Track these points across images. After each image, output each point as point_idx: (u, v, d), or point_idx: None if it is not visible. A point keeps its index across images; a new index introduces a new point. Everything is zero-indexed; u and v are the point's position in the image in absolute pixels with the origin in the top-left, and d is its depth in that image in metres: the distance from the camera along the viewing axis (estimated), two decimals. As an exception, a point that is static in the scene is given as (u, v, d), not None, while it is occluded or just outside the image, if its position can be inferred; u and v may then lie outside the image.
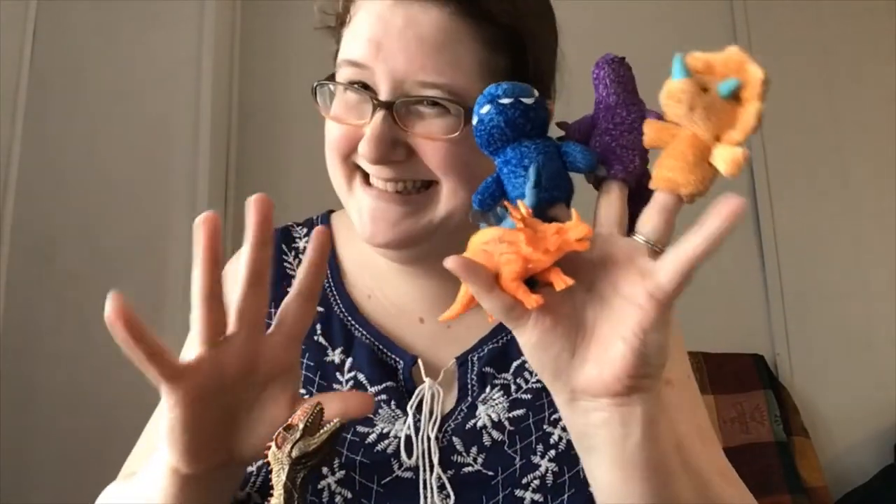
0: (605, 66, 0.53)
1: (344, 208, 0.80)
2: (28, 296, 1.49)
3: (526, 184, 0.50)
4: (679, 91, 0.46)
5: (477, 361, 0.67)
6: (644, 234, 0.48)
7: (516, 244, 0.45)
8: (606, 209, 0.51)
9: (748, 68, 0.46)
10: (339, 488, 0.60)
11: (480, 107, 0.51)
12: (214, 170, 1.79)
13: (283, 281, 0.72)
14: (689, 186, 0.47)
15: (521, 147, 0.51)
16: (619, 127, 0.52)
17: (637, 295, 0.46)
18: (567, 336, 0.47)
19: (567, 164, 0.51)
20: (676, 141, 0.47)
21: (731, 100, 0.46)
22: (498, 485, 0.61)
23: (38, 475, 1.43)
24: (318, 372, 0.67)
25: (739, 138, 0.46)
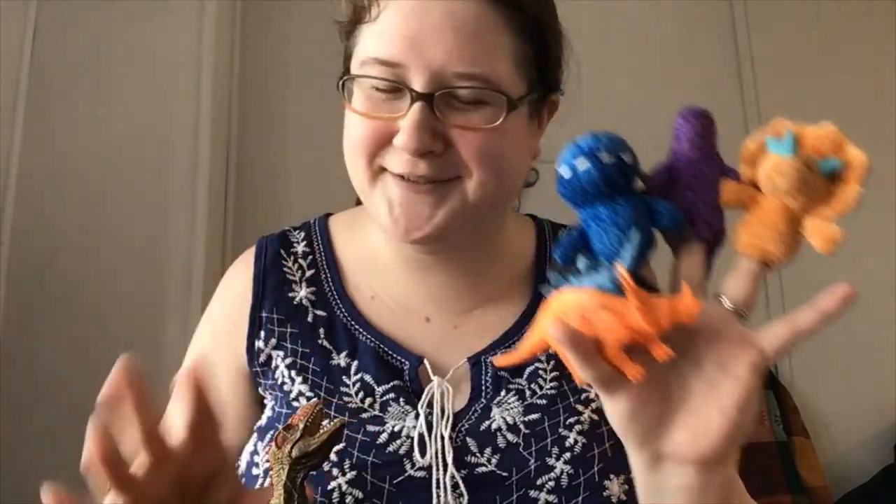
0: (691, 120, 0.52)
1: (339, 212, 0.81)
2: (28, 295, 1.49)
3: (619, 244, 0.48)
4: (790, 169, 0.46)
5: (491, 364, 0.67)
6: (733, 301, 0.49)
7: (622, 315, 0.44)
8: (690, 270, 0.50)
9: (851, 151, 0.48)
10: (350, 489, 0.59)
11: (575, 158, 0.49)
12: (214, 170, 1.79)
13: (284, 286, 0.72)
14: (780, 255, 0.48)
15: (616, 205, 0.49)
16: (701, 182, 0.51)
17: (735, 365, 0.46)
18: (658, 405, 0.47)
19: (654, 221, 0.50)
20: (766, 209, 0.48)
21: (826, 176, 0.48)
22: (512, 485, 0.60)
23: (38, 475, 1.43)
24: (324, 376, 0.67)
25: (833, 215, 0.47)
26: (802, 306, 0.45)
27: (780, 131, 0.48)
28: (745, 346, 0.46)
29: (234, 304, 0.72)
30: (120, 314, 1.57)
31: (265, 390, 0.69)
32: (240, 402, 0.69)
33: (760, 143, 0.48)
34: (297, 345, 0.69)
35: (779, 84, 2.21)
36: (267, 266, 0.73)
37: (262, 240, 0.76)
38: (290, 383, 0.67)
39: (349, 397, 0.65)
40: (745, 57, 2.24)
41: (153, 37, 1.74)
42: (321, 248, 0.74)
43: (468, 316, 0.70)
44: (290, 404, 0.66)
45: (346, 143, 0.65)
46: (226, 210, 1.88)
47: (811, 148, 0.48)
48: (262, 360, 0.69)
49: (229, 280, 0.75)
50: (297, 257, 0.74)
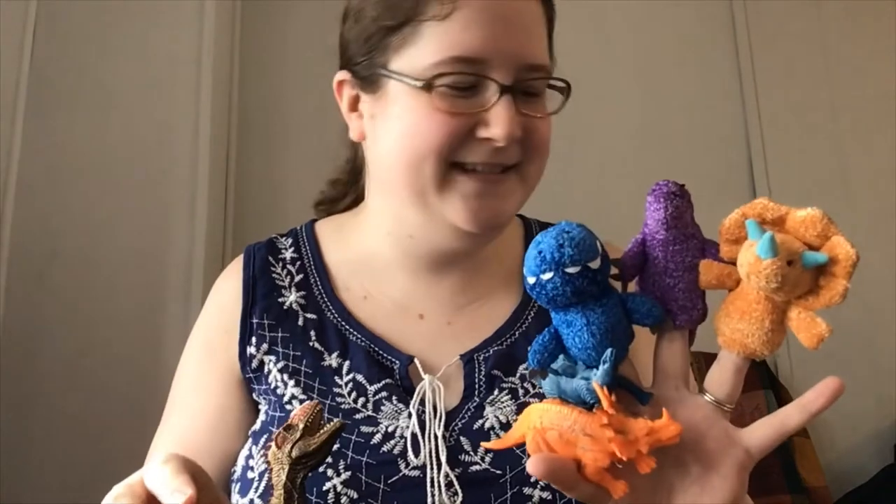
0: (662, 200, 0.48)
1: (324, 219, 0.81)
2: (28, 295, 1.49)
3: (593, 349, 0.47)
4: (770, 272, 0.43)
5: (484, 362, 0.67)
6: (717, 396, 0.48)
7: (603, 443, 0.44)
8: (670, 360, 0.50)
9: (838, 243, 0.44)
10: (345, 489, 0.60)
11: (541, 270, 0.47)
12: (214, 170, 1.79)
13: (273, 292, 0.72)
14: (766, 351, 0.47)
15: (587, 311, 0.48)
16: (679, 266, 0.49)
17: (722, 464, 0.46)
18: None
19: (632, 319, 0.49)
20: (748, 301, 0.46)
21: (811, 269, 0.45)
22: (506, 483, 0.61)
23: (38, 475, 1.43)
24: (316, 378, 0.67)
25: (818, 307, 0.45)
26: (789, 405, 0.45)
27: (762, 214, 0.46)
28: (730, 446, 0.47)
29: (226, 312, 0.73)
30: (120, 314, 1.57)
31: (259, 395, 0.70)
32: (235, 409, 0.70)
33: (740, 224, 0.46)
34: (289, 348, 0.69)
35: (779, 84, 2.21)
36: (256, 273, 0.73)
37: (249, 248, 0.76)
38: (283, 387, 0.67)
39: (342, 398, 0.66)
40: (745, 57, 2.24)
41: (153, 37, 1.74)
42: (309, 252, 0.75)
43: (462, 313, 0.71)
44: (283, 407, 0.66)
45: (410, 142, 0.63)
46: (226, 211, 1.88)
47: (793, 231, 0.45)
48: (254, 366, 0.69)
49: (219, 289, 0.76)
50: (286, 263, 0.74)
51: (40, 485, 1.42)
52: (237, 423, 0.69)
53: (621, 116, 2.13)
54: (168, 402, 0.73)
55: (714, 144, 2.14)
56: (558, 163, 0.78)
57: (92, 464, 1.42)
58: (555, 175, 0.74)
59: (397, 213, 0.69)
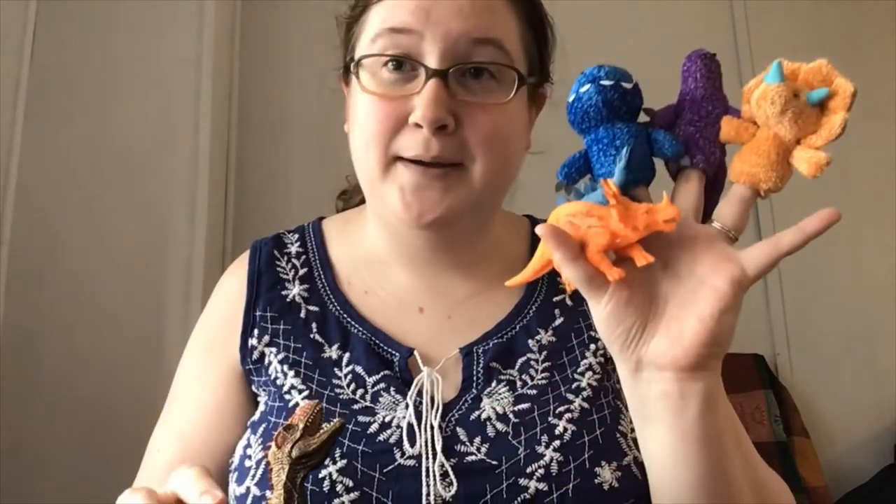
0: (697, 61, 0.54)
1: (332, 216, 0.81)
2: (28, 295, 1.49)
3: (615, 163, 0.52)
4: (775, 94, 0.48)
5: (483, 355, 0.68)
6: (722, 222, 0.51)
7: (605, 219, 0.48)
8: (686, 196, 0.53)
9: (838, 80, 0.49)
10: (341, 477, 0.60)
11: (581, 85, 0.53)
12: (214, 170, 1.79)
13: (277, 285, 0.73)
14: (770, 182, 0.50)
15: (614, 128, 0.53)
16: (704, 119, 0.53)
17: (717, 278, 0.48)
18: (640, 310, 0.49)
19: (654, 149, 0.53)
20: (759, 139, 0.50)
21: (817, 107, 0.49)
22: (502, 474, 0.61)
23: (38, 475, 1.43)
24: (316, 369, 0.68)
25: (821, 143, 0.49)
26: (788, 229, 0.48)
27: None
28: (727, 261, 0.48)
29: (229, 305, 0.74)
30: (120, 314, 1.57)
31: (258, 387, 0.70)
32: (236, 401, 0.70)
33: (760, 81, 0.50)
34: (290, 340, 0.70)
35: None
36: (261, 267, 0.74)
37: (256, 243, 0.78)
38: (283, 377, 0.68)
39: (341, 389, 0.66)
40: (745, 57, 2.24)
41: (153, 37, 1.74)
42: (314, 247, 0.76)
43: (462, 306, 0.71)
44: (283, 397, 0.67)
45: (359, 131, 0.65)
46: (226, 210, 1.88)
47: (803, 81, 0.50)
48: (255, 358, 0.70)
49: (224, 283, 0.77)
50: (291, 257, 0.75)
51: (40, 485, 1.42)
52: (237, 417, 0.70)
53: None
54: (169, 395, 0.74)
55: (714, 144, 2.14)
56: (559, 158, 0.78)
57: (92, 463, 1.42)
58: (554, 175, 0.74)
59: (370, 204, 0.71)
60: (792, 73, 0.50)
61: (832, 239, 2.10)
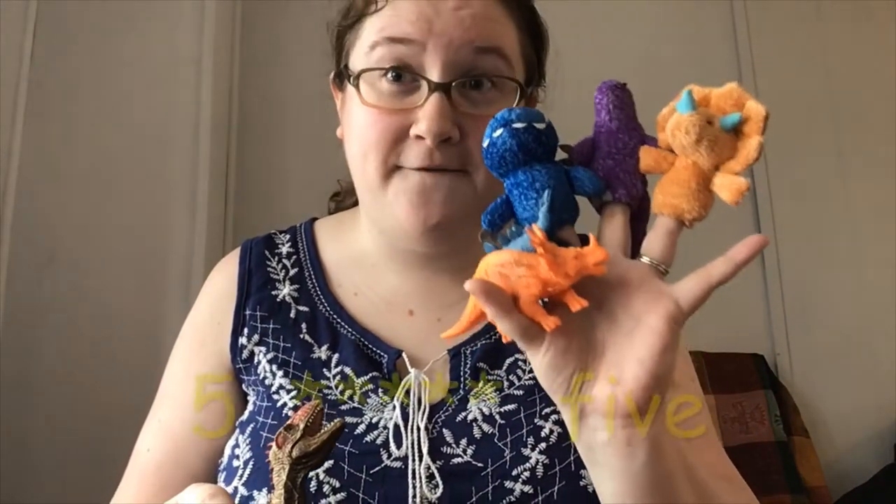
0: (607, 92, 0.54)
1: (325, 217, 0.81)
2: (28, 295, 1.49)
3: (538, 207, 0.51)
4: (688, 123, 0.48)
5: (470, 355, 0.68)
6: (651, 256, 0.50)
7: (535, 268, 0.46)
8: (611, 232, 0.52)
9: (749, 104, 0.48)
10: (328, 478, 0.60)
11: (493, 129, 0.52)
12: (214, 170, 1.79)
13: (268, 285, 0.73)
14: (693, 212, 0.49)
15: (532, 171, 0.52)
16: (621, 152, 0.53)
17: (652, 316, 0.47)
18: (579, 357, 0.48)
19: (575, 187, 0.53)
20: (678, 169, 0.50)
21: (731, 132, 0.49)
22: (487, 476, 0.60)
23: (38, 475, 1.43)
24: (304, 369, 0.68)
25: (739, 168, 0.48)
26: (716, 259, 0.47)
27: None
28: (660, 298, 0.47)
29: (219, 303, 0.73)
30: (120, 314, 1.57)
31: (248, 386, 0.70)
32: (225, 399, 0.70)
33: (672, 109, 0.50)
34: (279, 340, 0.70)
35: (779, 84, 2.21)
36: (252, 266, 0.74)
37: (246, 242, 0.77)
38: (272, 377, 0.68)
39: (329, 390, 0.66)
40: (745, 57, 2.24)
41: (153, 37, 1.74)
42: (305, 248, 0.76)
43: (452, 309, 0.71)
44: (271, 397, 0.67)
45: (357, 142, 0.65)
46: (226, 210, 1.88)
47: (715, 107, 0.49)
48: (244, 357, 0.70)
49: (213, 282, 0.77)
50: (282, 257, 0.75)
51: (40, 485, 1.42)
52: (224, 414, 0.70)
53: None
54: (158, 394, 0.74)
55: (714, 144, 2.14)
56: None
57: (92, 464, 1.42)
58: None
59: (366, 212, 0.71)
60: (703, 99, 0.50)
61: (832, 239, 2.12)
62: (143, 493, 0.68)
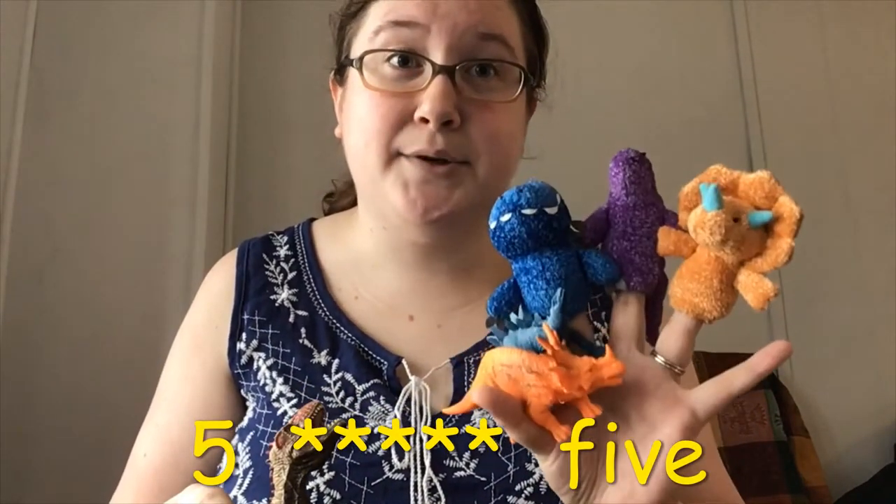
0: (623, 166, 0.49)
1: (323, 218, 0.80)
2: (28, 295, 1.49)
3: (547, 297, 0.48)
4: (714, 224, 0.44)
5: (473, 365, 0.66)
6: (666, 357, 0.48)
7: (547, 378, 0.44)
8: (624, 323, 0.49)
9: (783, 201, 0.45)
10: (329, 489, 0.59)
11: (500, 213, 0.49)
12: (214, 170, 1.79)
13: (266, 289, 0.72)
14: (714, 312, 0.47)
15: (542, 258, 0.49)
16: (637, 231, 0.49)
17: (668, 427, 0.45)
18: (589, 463, 0.46)
19: (587, 274, 0.50)
20: (700, 262, 0.47)
21: (760, 228, 0.45)
22: (490, 490, 0.60)
23: (38, 475, 1.43)
24: (305, 376, 0.67)
25: (767, 269, 0.45)
26: (736, 367, 0.45)
27: (717, 179, 0.46)
28: (676, 406, 0.45)
29: (216, 307, 0.72)
30: (120, 314, 1.57)
31: (247, 392, 0.69)
32: (221, 405, 0.69)
33: (698, 191, 0.46)
34: (279, 345, 0.68)
35: (779, 84, 2.21)
36: (249, 269, 0.73)
37: (244, 243, 0.76)
38: (272, 384, 0.67)
39: (330, 397, 0.65)
40: (745, 56, 2.24)
41: (153, 37, 1.74)
42: (304, 251, 0.75)
43: (452, 315, 0.70)
44: (272, 405, 0.66)
45: (358, 129, 0.64)
46: (226, 210, 1.88)
47: (743, 195, 0.46)
48: (243, 362, 0.69)
49: (210, 284, 0.75)
50: (280, 260, 0.74)
51: (40, 485, 1.42)
52: (223, 419, 0.68)
53: (621, 117, 2.13)
54: (154, 397, 0.73)
55: (714, 144, 2.14)
56: (557, 163, 0.78)
57: (92, 463, 1.42)
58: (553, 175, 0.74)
59: (367, 205, 0.70)
60: (731, 184, 0.46)
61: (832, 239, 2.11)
62: (141, 497, 0.67)
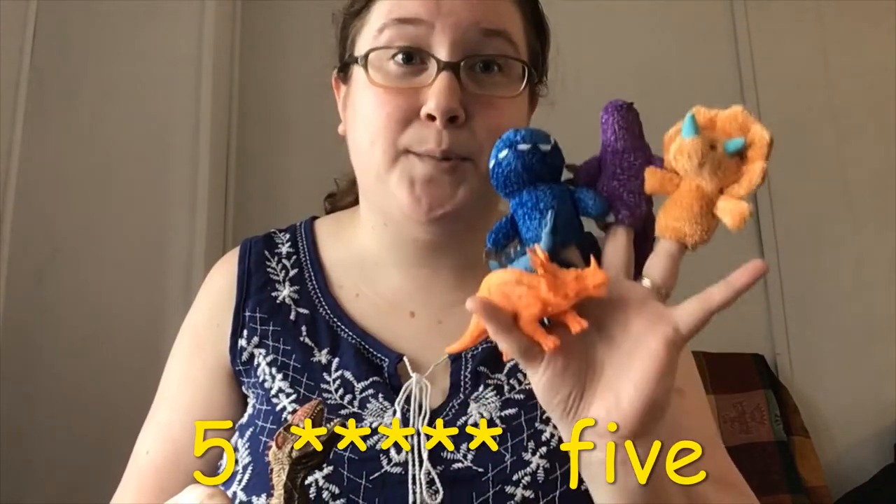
0: (613, 112, 0.53)
1: (325, 216, 0.80)
2: (28, 295, 1.49)
3: (541, 227, 0.51)
4: (690, 148, 0.48)
5: (471, 359, 0.67)
6: (652, 279, 0.50)
7: (536, 288, 0.47)
8: (613, 253, 0.52)
9: (754, 128, 0.48)
10: (327, 484, 0.59)
11: (499, 150, 0.52)
12: (214, 170, 1.79)
13: (268, 286, 0.72)
14: (695, 236, 0.49)
15: (537, 191, 0.52)
16: (626, 172, 0.53)
17: (651, 339, 0.47)
18: (577, 376, 0.48)
19: (578, 209, 0.53)
20: (682, 192, 0.50)
21: (735, 156, 0.48)
22: (488, 481, 0.60)
23: (38, 475, 1.43)
24: (304, 373, 0.67)
25: (743, 193, 0.48)
26: (717, 284, 0.47)
27: (696, 117, 0.49)
28: (660, 322, 0.47)
29: (218, 304, 0.72)
30: (120, 314, 1.57)
31: (248, 389, 0.69)
32: (223, 403, 0.70)
33: (678, 130, 0.50)
34: (279, 342, 0.69)
35: (779, 85, 2.21)
36: (251, 267, 0.73)
37: (246, 241, 0.76)
38: (271, 380, 0.67)
39: (329, 394, 0.65)
40: (745, 57, 2.24)
41: (153, 37, 1.74)
42: (306, 248, 0.75)
43: (453, 311, 0.70)
44: (270, 401, 0.66)
45: (364, 127, 0.64)
46: (226, 210, 1.88)
47: (720, 130, 0.49)
48: (244, 359, 0.69)
49: (211, 282, 0.76)
50: (281, 258, 0.74)
51: (40, 484, 1.42)
52: (224, 417, 0.69)
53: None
54: (156, 395, 0.73)
55: (714, 144, 2.14)
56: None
57: (92, 463, 1.42)
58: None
59: (369, 203, 0.70)
60: (709, 122, 0.50)
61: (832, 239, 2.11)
62: (143, 495, 0.67)
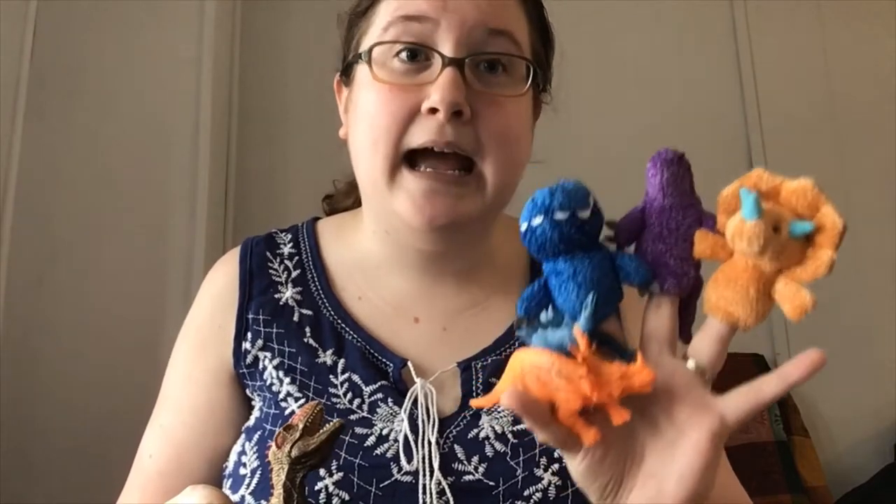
0: (662, 168, 0.48)
1: (327, 217, 0.80)
2: (28, 296, 1.49)
3: (578, 299, 0.47)
4: (752, 233, 0.43)
5: (482, 370, 0.66)
6: (699, 362, 0.47)
7: (576, 383, 0.44)
8: (657, 324, 0.48)
9: (825, 210, 0.44)
10: (337, 490, 0.59)
11: (532, 216, 0.48)
12: (214, 170, 1.79)
13: (270, 288, 0.71)
14: (749, 320, 0.45)
15: (575, 261, 0.48)
16: (673, 234, 0.48)
17: (696, 431, 0.44)
18: (617, 464, 0.46)
19: (620, 276, 0.49)
20: (737, 269, 0.45)
21: (801, 238, 0.44)
22: (499, 495, 0.60)
23: (38, 475, 1.43)
24: (312, 376, 0.66)
25: (807, 280, 0.44)
26: (768, 375, 0.44)
27: (757, 184, 0.45)
28: (705, 412, 0.45)
29: (220, 305, 0.72)
30: (120, 314, 1.57)
31: (253, 391, 0.69)
32: (225, 405, 0.69)
33: (737, 194, 0.45)
34: (284, 345, 0.68)
35: (779, 84, 2.21)
36: (253, 268, 0.72)
37: (247, 241, 0.75)
38: (279, 384, 0.66)
39: (337, 398, 0.65)
40: (745, 57, 2.24)
41: (153, 37, 1.74)
42: (308, 249, 0.74)
43: (458, 318, 0.70)
44: (279, 405, 0.66)
45: (366, 126, 0.63)
46: (226, 211, 1.88)
47: (785, 203, 0.45)
48: (248, 362, 0.68)
49: (213, 282, 0.75)
50: (283, 258, 0.73)
51: (40, 485, 1.42)
52: (227, 419, 0.68)
53: (620, 117, 2.13)
54: (159, 397, 0.72)
55: (714, 145, 2.14)
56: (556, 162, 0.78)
57: (92, 464, 1.42)
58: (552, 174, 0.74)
59: (371, 209, 0.69)
60: (773, 190, 0.45)
61: (832, 239, 2.04)
62: (147, 498, 0.67)
